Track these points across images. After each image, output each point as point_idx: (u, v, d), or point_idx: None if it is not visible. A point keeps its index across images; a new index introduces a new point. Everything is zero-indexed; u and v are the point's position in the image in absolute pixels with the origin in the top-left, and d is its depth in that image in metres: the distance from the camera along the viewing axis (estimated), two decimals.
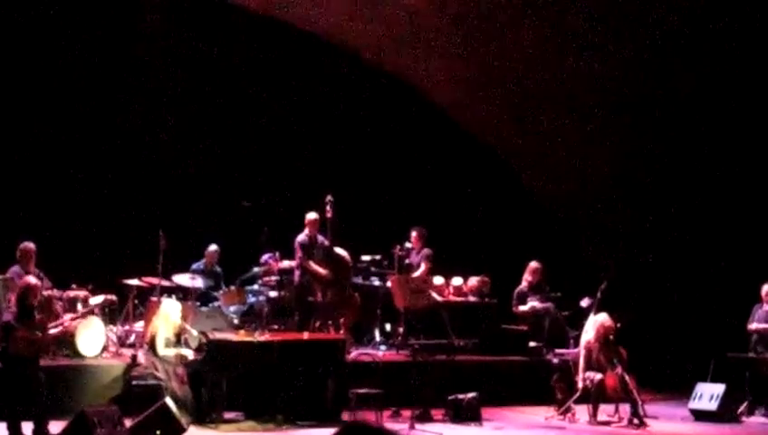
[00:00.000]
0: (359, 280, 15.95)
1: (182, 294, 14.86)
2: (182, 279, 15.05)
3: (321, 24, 17.53)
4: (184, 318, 13.37)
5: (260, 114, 17.70)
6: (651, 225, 17.99)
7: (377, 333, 16.04)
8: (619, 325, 14.23)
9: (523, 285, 16.16)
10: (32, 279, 12.11)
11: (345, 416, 12.97)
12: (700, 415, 14.40)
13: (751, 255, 16.49)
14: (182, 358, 12.94)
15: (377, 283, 16.12)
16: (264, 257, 15.73)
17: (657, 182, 17.77)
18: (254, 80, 17.65)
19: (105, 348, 13.92)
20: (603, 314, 14.10)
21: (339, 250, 15.21)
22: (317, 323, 14.99)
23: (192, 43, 17.27)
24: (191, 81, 17.26)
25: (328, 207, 14.98)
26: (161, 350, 12.88)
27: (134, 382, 12.82)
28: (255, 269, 15.74)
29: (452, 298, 16.15)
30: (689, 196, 17.50)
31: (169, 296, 14.22)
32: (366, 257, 16.14)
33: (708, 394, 14.41)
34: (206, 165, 17.37)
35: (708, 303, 16.91)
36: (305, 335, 14.15)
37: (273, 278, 15.53)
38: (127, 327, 14.85)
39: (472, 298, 16.23)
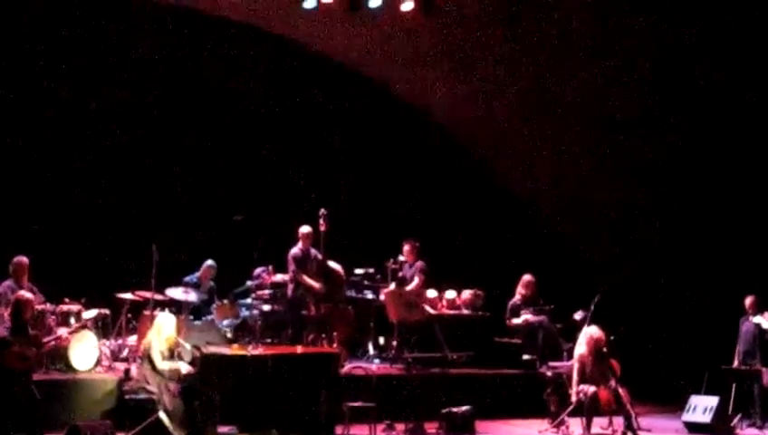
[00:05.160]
0: (352, 293, 15.93)
1: (175, 307, 14.83)
2: (175, 293, 15.03)
3: (317, 39, 17.56)
4: (177, 332, 13.35)
5: (253, 128, 17.72)
6: (645, 237, 18.02)
7: (370, 347, 16.04)
8: (612, 338, 14.25)
9: (517, 298, 16.16)
10: (25, 293, 12.08)
11: (339, 430, 12.95)
12: (694, 427, 14.41)
13: (743, 268, 16.53)
14: (176, 372, 12.90)
15: (370, 296, 16.10)
16: (257, 271, 15.72)
17: (652, 197, 17.81)
18: (247, 94, 17.68)
19: (98, 362, 13.88)
20: (593, 326, 14.11)
21: (332, 264, 15.21)
22: (310, 337, 14.98)
23: (186, 57, 17.30)
24: (184, 95, 17.27)
25: (321, 221, 14.98)
26: (159, 364, 12.85)
27: (127, 396, 12.79)
28: (249, 283, 15.73)
29: (445, 311, 16.15)
30: (684, 210, 17.54)
31: (162, 310, 14.20)
32: (359, 271, 16.15)
33: (702, 407, 14.42)
34: (198, 179, 17.37)
35: (702, 315, 16.94)
36: (298, 349, 14.14)
37: (267, 292, 15.51)
38: (120, 341, 14.82)
39: (465, 311, 16.23)
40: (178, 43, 17.16)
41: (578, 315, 15.24)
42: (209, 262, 15.68)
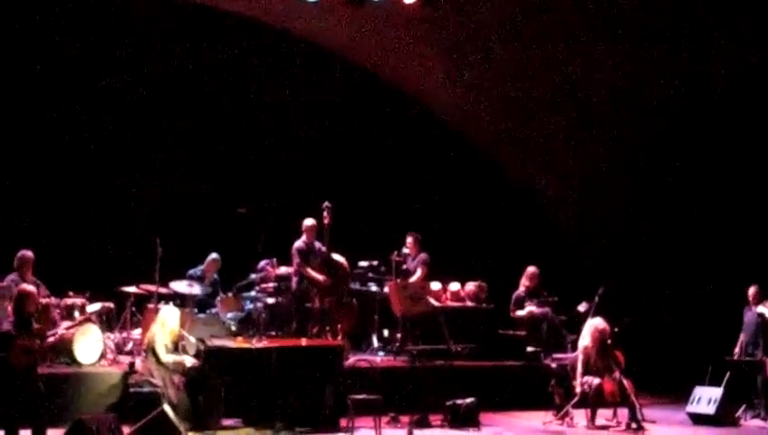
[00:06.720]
0: (356, 286, 15.94)
1: (179, 300, 14.84)
2: (179, 286, 15.04)
3: (318, 31, 17.55)
4: (181, 325, 13.36)
5: (256, 121, 17.72)
6: (649, 228, 18.02)
7: (374, 339, 16.04)
8: (616, 329, 14.25)
9: (521, 289, 16.16)
10: (27, 287, 12.06)
11: (343, 422, 12.97)
12: (698, 419, 14.42)
13: (746, 258, 16.52)
14: (180, 365, 12.92)
15: (374, 289, 16.11)
16: (262, 264, 15.72)
17: (655, 188, 17.80)
18: (250, 86, 17.67)
19: (103, 355, 13.90)
20: (598, 317, 14.11)
21: (336, 256, 15.20)
22: (314, 330, 14.98)
23: (188, 50, 17.29)
24: (186, 87, 17.26)
25: (325, 214, 14.98)
26: (164, 357, 12.86)
27: (132, 390, 12.80)
28: (253, 276, 15.74)
29: (449, 303, 16.15)
30: (688, 200, 17.54)
31: (167, 303, 14.21)
32: (363, 263, 16.15)
33: (706, 398, 14.42)
34: (201, 171, 17.36)
35: (706, 306, 16.93)
36: (303, 342, 14.15)
37: (271, 285, 15.52)
38: (124, 334, 14.83)
39: (469, 303, 16.23)
40: (179, 35, 17.15)
41: (582, 307, 15.25)
42: (213, 255, 15.68)
